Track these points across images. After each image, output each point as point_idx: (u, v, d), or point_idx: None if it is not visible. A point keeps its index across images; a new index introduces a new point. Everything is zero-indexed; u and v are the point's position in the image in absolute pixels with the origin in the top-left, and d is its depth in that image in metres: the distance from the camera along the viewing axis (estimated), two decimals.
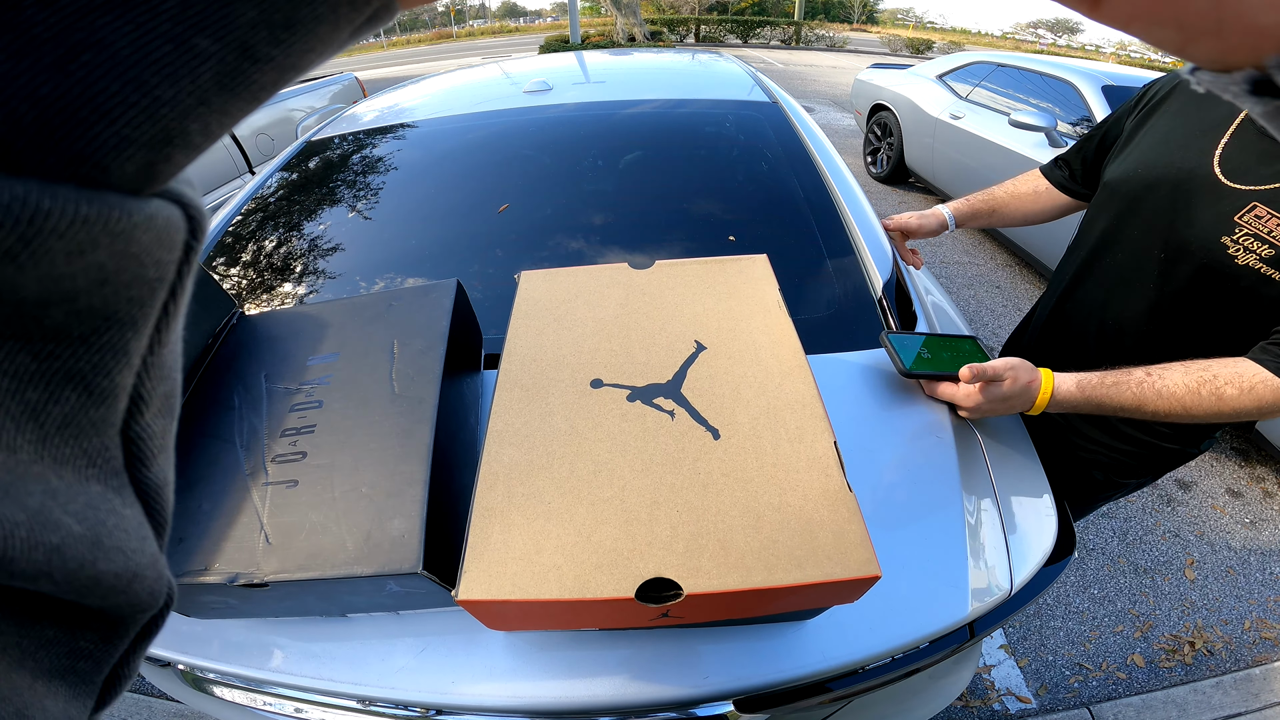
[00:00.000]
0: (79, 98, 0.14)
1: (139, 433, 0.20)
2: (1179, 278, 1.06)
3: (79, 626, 0.21)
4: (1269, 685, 1.98)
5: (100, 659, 0.22)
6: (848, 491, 0.66)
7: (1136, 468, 1.35)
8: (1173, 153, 1.07)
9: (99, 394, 0.18)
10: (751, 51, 20.07)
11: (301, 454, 0.82)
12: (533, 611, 0.64)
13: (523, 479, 0.70)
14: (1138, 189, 1.12)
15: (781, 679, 0.84)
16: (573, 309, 0.92)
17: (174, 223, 0.18)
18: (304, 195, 1.77)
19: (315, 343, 0.95)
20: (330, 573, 0.72)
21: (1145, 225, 1.11)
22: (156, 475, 0.22)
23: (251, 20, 0.15)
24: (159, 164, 0.16)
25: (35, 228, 0.14)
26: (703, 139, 1.86)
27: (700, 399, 0.77)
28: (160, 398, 0.21)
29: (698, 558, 0.62)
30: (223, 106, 0.16)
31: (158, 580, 0.22)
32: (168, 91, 0.15)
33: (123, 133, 0.15)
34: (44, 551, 0.17)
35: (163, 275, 0.18)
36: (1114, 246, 1.18)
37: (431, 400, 0.84)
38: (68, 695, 0.21)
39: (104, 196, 0.15)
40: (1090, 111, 3.64)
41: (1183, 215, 1.04)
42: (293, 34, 0.16)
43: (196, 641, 0.91)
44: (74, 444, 0.18)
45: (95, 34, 0.14)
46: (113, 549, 0.19)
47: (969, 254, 4.80)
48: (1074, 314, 1.29)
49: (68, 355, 0.17)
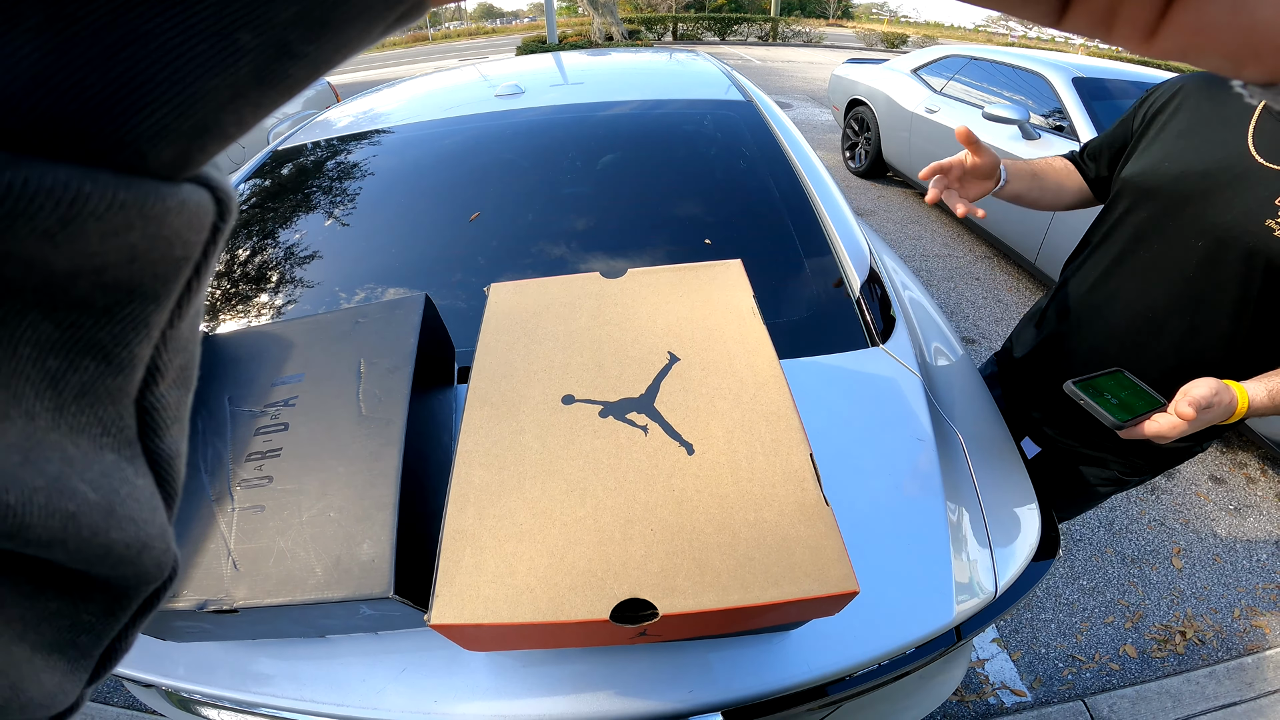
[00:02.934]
0: (122, 89, 0.14)
1: (153, 403, 0.21)
2: (1225, 266, 1.04)
3: (83, 599, 0.21)
4: (1262, 674, 1.99)
5: (101, 632, 0.22)
6: (824, 505, 0.65)
7: (1144, 466, 1.35)
8: (1198, 144, 1.07)
9: (117, 364, 0.19)
10: (729, 49, 20.09)
11: (268, 478, 0.80)
12: (507, 634, 0.63)
13: (494, 500, 0.68)
14: (1164, 181, 1.11)
15: (768, 690, 0.83)
16: (543, 322, 0.90)
17: (204, 206, 0.18)
18: (270, 207, 1.74)
19: (280, 363, 0.93)
20: (301, 598, 0.71)
21: (1178, 216, 1.10)
22: (169, 446, 0.22)
23: (290, 18, 0.15)
24: (194, 152, 0.17)
25: (75, 210, 0.14)
26: (677, 140, 1.84)
27: (674, 413, 0.76)
28: (176, 369, 0.22)
29: (673, 577, 0.61)
30: (257, 99, 0.17)
31: (165, 552, 0.22)
32: (206, 84, 0.15)
33: (162, 122, 0.15)
34: (60, 518, 0.17)
35: (189, 254, 0.19)
36: (1147, 239, 1.16)
37: (400, 422, 0.82)
38: (65, 669, 0.21)
39: (141, 182, 0.16)
40: (1061, 103, 3.67)
41: (1218, 203, 1.03)
42: (328, 31, 0.16)
43: (176, 663, 0.90)
44: (90, 412, 0.19)
45: (140, 28, 0.14)
46: (125, 518, 0.20)
47: (948, 247, 4.82)
48: (1105, 307, 1.26)
49: (90, 325, 0.17)
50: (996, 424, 1.22)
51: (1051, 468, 1.52)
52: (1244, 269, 1.02)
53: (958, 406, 1.22)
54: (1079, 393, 1.05)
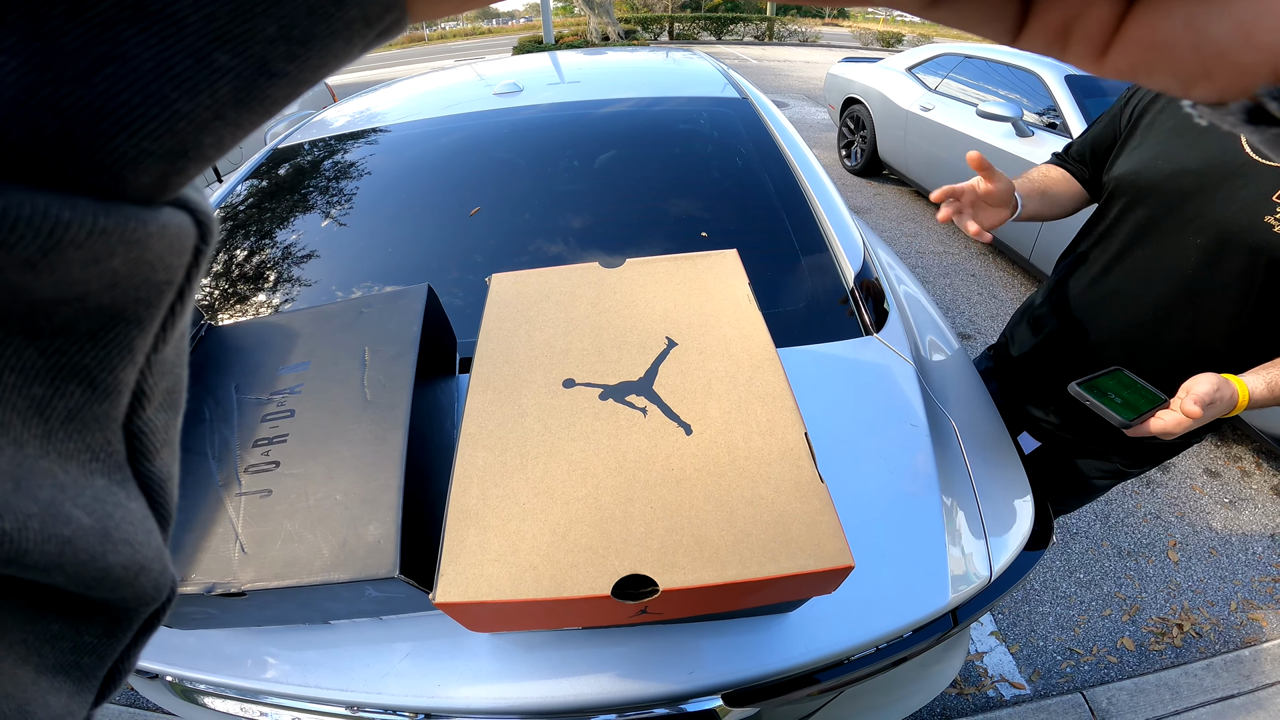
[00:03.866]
0: (100, 110, 0.14)
1: (141, 427, 0.21)
2: (1226, 262, 1.06)
3: (84, 621, 0.21)
4: (1259, 666, 1.99)
5: (103, 653, 0.22)
6: (819, 482, 0.66)
7: (1145, 458, 1.37)
8: (1192, 142, 1.08)
9: (103, 389, 0.18)
10: (725, 48, 20.09)
11: (274, 463, 0.81)
12: (511, 612, 0.64)
13: (497, 481, 0.69)
14: (1160, 179, 1.12)
15: (768, 672, 0.84)
16: (544, 309, 0.92)
17: (184, 230, 0.18)
18: (272, 203, 1.76)
19: (285, 352, 0.94)
20: (307, 580, 0.72)
21: (1177, 214, 1.10)
22: (159, 469, 0.22)
23: (270, 36, 0.15)
24: (172, 175, 0.16)
25: (55, 239, 0.14)
26: (674, 137, 1.85)
27: (672, 395, 0.77)
28: (162, 392, 0.21)
29: (672, 553, 0.62)
30: (236, 120, 0.16)
31: (162, 574, 0.22)
32: (186, 105, 0.15)
33: (141, 145, 0.15)
34: (57, 543, 0.17)
35: (171, 278, 0.18)
36: (1146, 237, 1.17)
37: (404, 406, 0.83)
38: (70, 690, 0.21)
39: (120, 208, 0.15)
40: (1054, 101, 3.67)
41: (1217, 200, 1.04)
42: (308, 50, 0.16)
43: (181, 652, 0.90)
44: (78, 438, 0.18)
45: (119, 46, 0.14)
46: (121, 541, 0.20)
47: (943, 243, 4.83)
48: (1106, 304, 1.27)
49: (74, 351, 0.17)
50: (990, 412, 1.23)
51: (1051, 462, 1.52)
52: (1245, 265, 1.03)
53: (952, 394, 1.23)
54: (1085, 394, 1.06)
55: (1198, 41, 0.18)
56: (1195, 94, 0.20)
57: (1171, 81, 0.20)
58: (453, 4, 0.20)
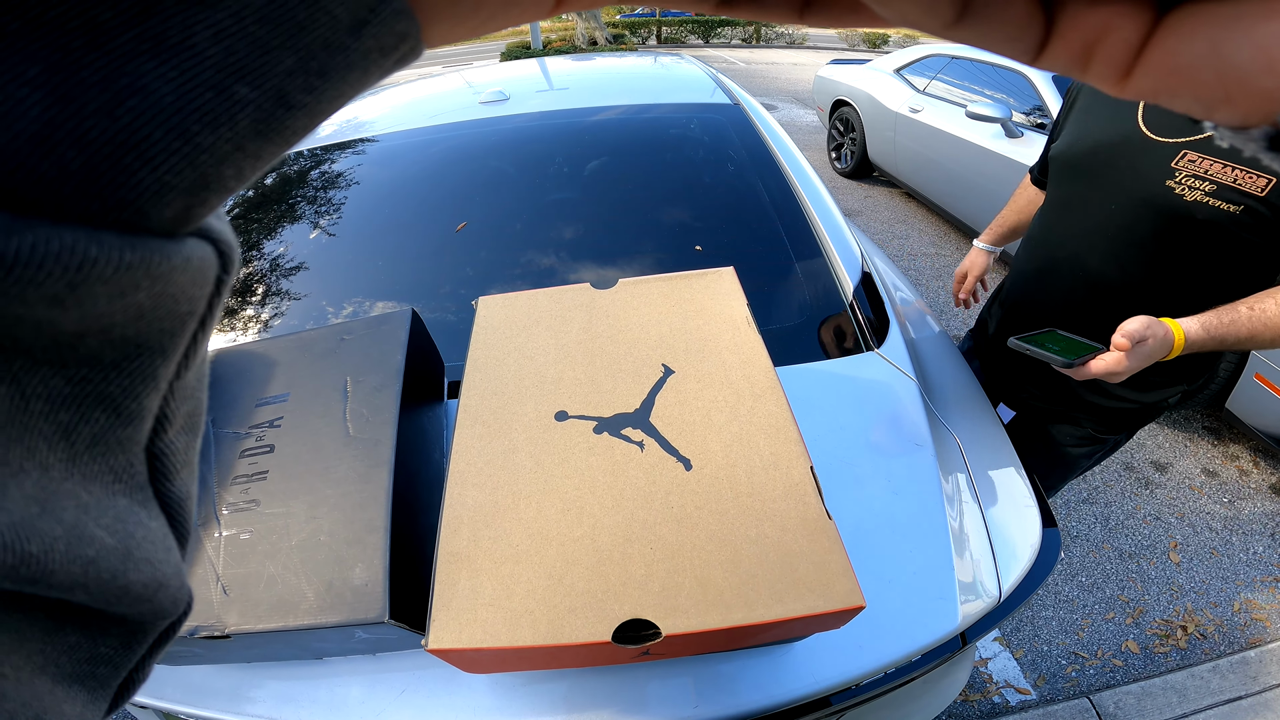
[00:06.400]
0: (124, 144, 0.14)
1: (163, 449, 0.21)
2: (1141, 224, 1.18)
3: (101, 633, 0.21)
4: (1265, 668, 1.98)
5: (119, 664, 0.23)
6: (827, 519, 0.64)
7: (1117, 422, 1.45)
8: (1102, 122, 1.23)
9: (127, 415, 0.19)
10: (713, 51, 20.10)
11: (254, 502, 0.78)
12: (507, 657, 0.62)
13: (488, 521, 0.67)
14: (1079, 156, 1.26)
15: (774, 702, 0.82)
16: (534, 336, 0.88)
17: (207, 260, 0.18)
18: (253, 218, 1.72)
19: (264, 383, 0.91)
20: (293, 623, 0.70)
21: (1095, 185, 1.24)
22: (179, 489, 0.23)
23: (289, 68, 0.15)
24: (195, 207, 0.16)
25: (82, 275, 0.14)
26: (664, 144, 1.82)
27: (670, 428, 0.74)
28: (184, 416, 0.22)
29: (675, 596, 0.60)
30: (257, 151, 0.16)
31: (180, 589, 0.23)
32: (208, 138, 0.15)
33: (164, 179, 0.15)
34: (81, 564, 0.18)
35: (194, 309, 0.19)
36: (1073, 208, 1.31)
37: (388, 442, 0.80)
38: (85, 700, 0.22)
39: (145, 242, 0.16)
40: (1042, 100, 3.68)
41: (1126, 170, 1.17)
42: (326, 81, 0.16)
43: (170, 685, 0.88)
44: (101, 461, 0.19)
45: (141, 79, 0.14)
46: (141, 560, 0.20)
47: (935, 245, 4.83)
48: (1050, 273, 1.39)
49: (99, 380, 0.17)
50: (992, 424, 1.21)
51: (1027, 431, 1.59)
52: (1156, 224, 1.15)
53: (953, 409, 1.21)
54: (1023, 345, 1.13)
55: (1221, 66, 0.18)
56: (1217, 117, 0.20)
57: (1194, 105, 0.20)
58: (466, 29, 0.20)
